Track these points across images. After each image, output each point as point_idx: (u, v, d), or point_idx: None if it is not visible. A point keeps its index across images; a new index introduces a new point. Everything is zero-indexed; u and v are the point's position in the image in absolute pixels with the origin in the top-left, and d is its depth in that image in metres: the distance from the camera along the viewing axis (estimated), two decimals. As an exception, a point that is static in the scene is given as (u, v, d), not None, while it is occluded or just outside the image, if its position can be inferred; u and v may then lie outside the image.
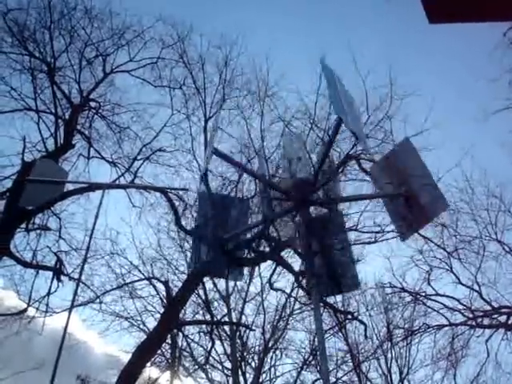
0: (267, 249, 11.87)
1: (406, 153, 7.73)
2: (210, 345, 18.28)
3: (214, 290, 18.89)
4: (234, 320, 18.83)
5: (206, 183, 8.10)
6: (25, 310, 14.69)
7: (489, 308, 17.59)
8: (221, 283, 18.98)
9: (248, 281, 19.17)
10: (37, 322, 14.91)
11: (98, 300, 15.95)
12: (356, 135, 7.65)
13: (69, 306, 12.06)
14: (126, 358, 14.36)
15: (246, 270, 9.71)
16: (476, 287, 17.43)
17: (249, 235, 9.47)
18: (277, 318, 19.62)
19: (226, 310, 18.74)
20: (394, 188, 7.65)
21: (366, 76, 13.04)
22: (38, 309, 14.71)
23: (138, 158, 16.55)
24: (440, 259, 17.41)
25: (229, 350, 18.99)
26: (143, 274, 17.36)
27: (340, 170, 11.64)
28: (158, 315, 16.19)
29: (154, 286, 17.50)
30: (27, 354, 16.45)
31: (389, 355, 20.87)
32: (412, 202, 7.23)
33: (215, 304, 18.98)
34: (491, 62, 13.86)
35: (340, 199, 8.40)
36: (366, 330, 15.28)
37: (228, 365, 19.00)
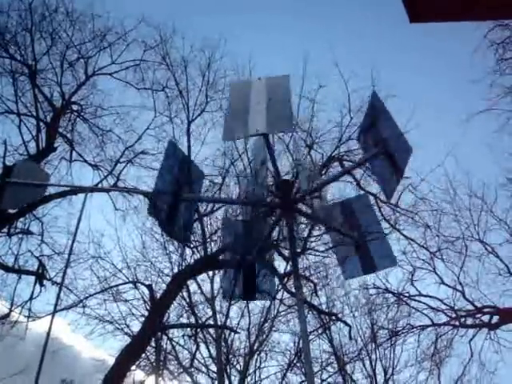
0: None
1: (377, 108, 7.68)
2: (194, 348, 18.24)
3: (199, 292, 18.89)
4: (219, 323, 18.78)
5: None
6: (7, 315, 14.57)
7: (472, 308, 17.75)
8: (205, 286, 18.98)
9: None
10: (20, 327, 14.81)
11: (81, 304, 15.86)
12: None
13: (52, 311, 11.99)
14: (112, 361, 14.30)
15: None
16: (459, 287, 17.58)
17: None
18: (262, 320, 19.62)
19: (210, 313, 18.70)
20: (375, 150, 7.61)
21: (348, 78, 13.17)
22: (21, 314, 14.61)
23: (121, 160, 16.50)
24: (423, 260, 17.54)
25: (214, 353, 18.95)
26: (127, 278, 17.28)
27: (323, 172, 11.72)
28: (143, 318, 16.13)
29: (138, 290, 17.44)
30: (11, 359, 16.30)
31: (373, 356, 20.92)
32: (389, 156, 7.22)
33: (200, 307, 18.96)
34: (474, 63, 14.04)
35: (321, 184, 8.34)
36: (350, 331, 15.34)
37: (213, 368, 18.97)
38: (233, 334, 19.11)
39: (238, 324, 19.40)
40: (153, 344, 16.13)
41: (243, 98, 7.79)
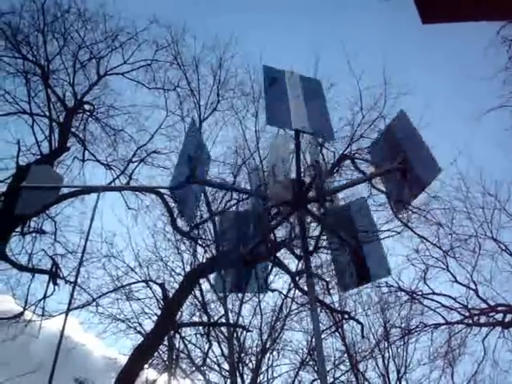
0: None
1: (402, 126, 7.72)
2: (207, 346, 18.26)
3: (211, 291, 18.92)
4: (231, 321, 18.80)
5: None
6: (21, 314, 14.66)
7: (485, 306, 17.64)
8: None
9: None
10: (34, 325, 14.90)
11: (94, 303, 15.94)
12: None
13: (65, 310, 12.05)
14: (124, 360, 14.33)
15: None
16: (472, 286, 17.49)
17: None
18: (274, 318, 19.62)
19: (222, 312, 18.73)
20: (391, 164, 7.64)
21: (360, 76, 13.09)
22: (34, 312, 14.70)
23: (133, 160, 16.57)
24: (436, 258, 17.45)
25: (226, 352, 18.98)
26: (139, 277, 17.35)
27: (335, 170, 11.67)
28: (155, 317, 16.18)
29: (151, 288, 17.50)
30: (24, 358, 16.40)
31: (386, 354, 20.88)
32: (407, 173, 7.24)
33: (212, 305, 18.99)
34: (485, 61, 13.92)
35: (336, 189, 8.36)
36: (362, 329, 15.26)
37: (226, 366, 19.00)
38: (245, 332, 19.14)
39: (250, 322, 19.45)
40: (165, 343, 16.18)
41: (279, 84, 7.82)
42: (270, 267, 9.33)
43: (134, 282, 17.17)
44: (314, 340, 14.52)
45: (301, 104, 7.47)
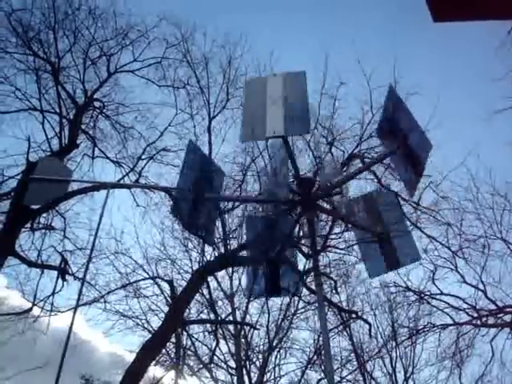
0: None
1: (393, 103, 7.63)
2: (214, 344, 18.33)
3: (219, 289, 18.96)
4: (239, 319, 18.84)
5: None
6: (30, 310, 14.75)
7: (494, 307, 17.56)
8: (225, 282, 19.05)
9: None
10: (42, 321, 14.98)
11: (102, 299, 16.01)
12: None
13: (73, 306, 12.11)
14: (130, 357, 14.39)
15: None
16: (481, 286, 17.40)
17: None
18: (281, 317, 19.63)
19: (230, 309, 18.77)
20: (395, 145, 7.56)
21: (370, 75, 13.07)
22: (42, 308, 14.78)
23: (143, 157, 16.59)
24: (445, 258, 17.36)
25: (233, 349, 19.02)
26: (147, 274, 17.40)
27: (344, 169, 11.66)
28: (163, 314, 16.24)
29: (159, 286, 17.56)
30: (32, 354, 16.49)
31: (393, 354, 20.88)
32: (409, 152, 7.18)
33: (219, 303, 19.03)
34: (496, 61, 13.83)
35: (342, 181, 8.32)
36: (370, 329, 15.27)
37: (232, 364, 19.04)
38: (252, 330, 19.19)
39: (258, 320, 19.48)
40: (173, 340, 16.24)
41: (259, 95, 7.75)
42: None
43: (142, 279, 17.25)
44: (321, 339, 14.50)
45: (278, 107, 7.40)
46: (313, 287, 9.32)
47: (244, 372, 18.69)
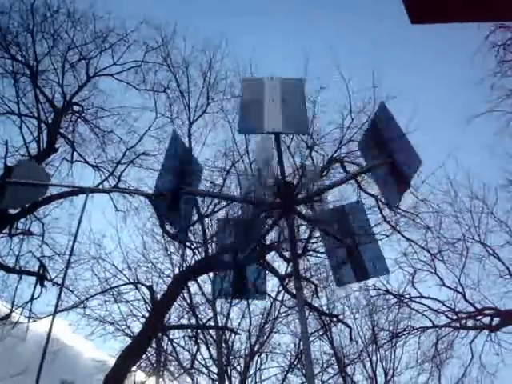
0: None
1: (383, 118, 7.74)
2: (195, 349, 18.23)
3: (200, 293, 18.88)
4: (220, 324, 18.78)
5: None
6: (8, 316, 14.56)
7: (473, 310, 17.75)
8: (206, 287, 18.98)
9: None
10: (21, 327, 14.80)
11: (82, 305, 15.86)
12: None
13: (52, 312, 11.98)
14: (112, 362, 14.28)
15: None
16: (460, 289, 17.60)
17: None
18: (262, 321, 19.62)
19: (211, 314, 18.70)
20: (380, 159, 7.66)
21: (349, 79, 13.14)
22: (21, 314, 14.60)
23: (122, 161, 16.49)
24: (424, 261, 17.54)
25: (215, 354, 18.95)
26: (128, 279, 17.27)
27: (324, 173, 11.69)
28: (143, 319, 16.12)
29: (139, 291, 17.43)
30: (11, 360, 16.29)
31: (374, 358, 20.96)
32: (394, 167, 7.27)
33: (201, 308, 18.95)
34: (474, 65, 14.01)
35: (324, 189, 8.38)
36: (350, 332, 15.26)
37: (214, 369, 18.98)
38: (233, 335, 19.14)
39: (239, 325, 19.44)
40: (153, 345, 16.14)
41: (257, 93, 7.86)
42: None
43: (123, 284, 17.11)
44: (302, 343, 14.51)
45: (277, 107, 7.50)
46: (294, 291, 9.31)
47: (225, 377, 18.63)
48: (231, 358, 19.54)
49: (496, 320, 17.51)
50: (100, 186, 15.80)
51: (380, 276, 9.70)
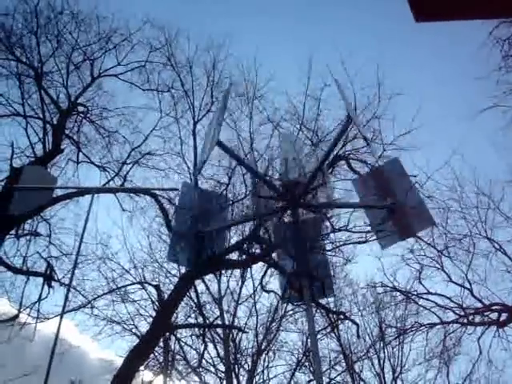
0: (258, 250, 11.91)
1: (394, 171, 7.96)
2: (202, 348, 18.26)
3: (207, 292, 18.91)
4: (227, 322, 18.81)
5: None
6: (16, 317, 14.59)
7: (480, 305, 17.70)
8: (213, 286, 19.01)
9: (240, 283, 19.22)
10: (29, 328, 14.84)
11: (89, 305, 15.89)
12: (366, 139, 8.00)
13: (60, 312, 12.01)
14: (120, 362, 14.32)
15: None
16: (467, 285, 17.55)
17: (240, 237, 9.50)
18: (269, 319, 19.64)
19: (218, 313, 18.73)
20: (377, 200, 7.88)
21: (354, 76, 13.13)
22: (29, 315, 14.63)
23: (127, 161, 16.50)
24: (431, 258, 17.52)
25: (222, 353, 18.98)
26: (135, 278, 17.30)
27: (330, 171, 11.69)
28: (151, 319, 16.16)
29: (146, 290, 17.46)
30: (20, 360, 16.33)
31: (381, 355, 20.97)
32: (397, 215, 7.44)
33: (207, 307, 18.98)
34: (479, 61, 13.96)
35: (328, 205, 8.47)
36: (358, 329, 15.26)
37: (221, 367, 19.02)
38: (240, 333, 19.17)
39: (246, 323, 19.47)
40: (161, 344, 16.17)
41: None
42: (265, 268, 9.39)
43: (129, 284, 17.12)
44: (309, 341, 14.53)
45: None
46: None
47: (233, 375, 18.66)
48: (238, 356, 19.57)
49: (504, 316, 17.46)
50: (106, 187, 15.82)
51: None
